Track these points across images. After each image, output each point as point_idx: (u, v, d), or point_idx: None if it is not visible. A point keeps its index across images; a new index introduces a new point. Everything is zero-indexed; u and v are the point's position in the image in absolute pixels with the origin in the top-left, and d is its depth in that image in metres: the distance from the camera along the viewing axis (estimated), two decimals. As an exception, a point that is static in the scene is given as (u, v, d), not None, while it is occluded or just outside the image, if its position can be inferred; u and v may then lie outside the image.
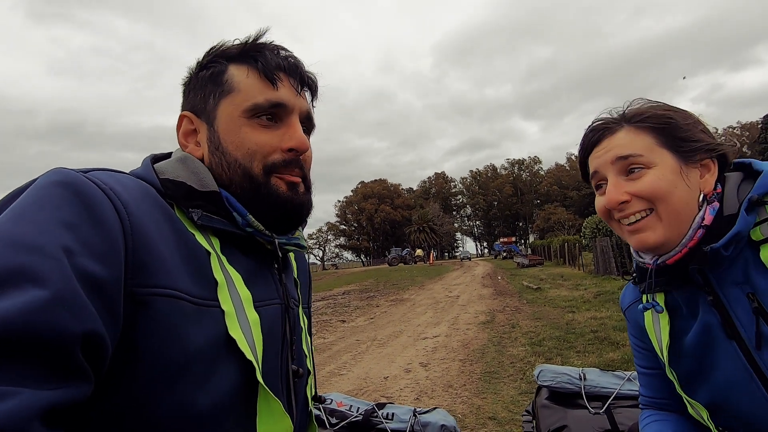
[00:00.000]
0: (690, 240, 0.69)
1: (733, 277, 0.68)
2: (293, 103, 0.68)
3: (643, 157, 0.70)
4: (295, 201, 0.67)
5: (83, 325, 0.42)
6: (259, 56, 0.66)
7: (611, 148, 0.72)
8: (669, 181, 0.69)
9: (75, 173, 0.51)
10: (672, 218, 0.69)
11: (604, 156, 0.73)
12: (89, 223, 0.47)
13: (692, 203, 0.70)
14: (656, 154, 0.70)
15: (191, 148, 0.68)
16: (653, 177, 0.69)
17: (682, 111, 0.74)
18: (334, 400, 1.32)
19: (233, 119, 0.65)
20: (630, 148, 0.71)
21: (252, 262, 0.66)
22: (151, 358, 0.49)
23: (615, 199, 0.71)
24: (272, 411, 0.59)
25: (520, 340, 6.09)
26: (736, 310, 0.68)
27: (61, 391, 0.41)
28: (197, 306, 0.53)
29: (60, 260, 0.43)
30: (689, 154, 0.71)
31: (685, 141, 0.71)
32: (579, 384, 1.33)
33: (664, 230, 0.70)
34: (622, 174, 0.72)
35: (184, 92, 0.72)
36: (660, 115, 0.72)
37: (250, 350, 0.57)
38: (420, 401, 4.00)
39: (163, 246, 0.53)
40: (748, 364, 0.67)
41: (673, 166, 0.70)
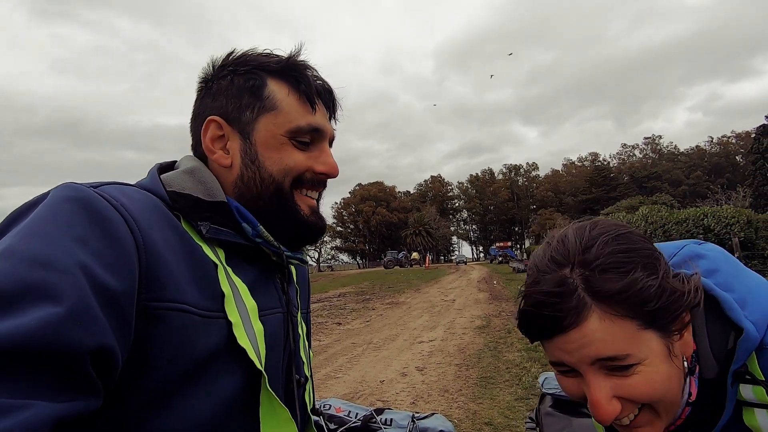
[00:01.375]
0: (678, 419, 0.61)
1: None
2: (328, 129, 0.71)
3: (631, 357, 0.53)
4: (318, 225, 0.71)
5: (96, 340, 0.43)
6: (301, 78, 0.67)
7: (585, 345, 0.54)
8: (665, 377, 0.55)
9: (86, 188, 0.51)
10: (669, 410, 0.58)
11: (578, 353, 0.55)
12: (103, 238, 0.48)
13: (682, 382, 0.58)
14: (643, 344, 0.54)
15: (219, 155, 0.67)
16: (648, 378, 0.54)
17: (646, 250, 0.56)
18: (332, 406, 1.32)
19: (275, 137, 0.66)
20: (612, 346, 0.53)
21: (256, 272, 0.66)
22: (160, 370, 0.50)
23: (608, 413, 0.54)
24: (278, 419, 0.60)
25: (516, 345, 6.10)
26: None
27: (72, 404, 0.41)
28: (204, 318, 0.54)
29: (75, 275, 0.44)
30: (670, 324, 0.55)
31: (664, 311, 0.54)
32: None
33: (663, 423, 0.59)
34: (603, 370, 0.55)
35: (205, 92, 0.70)
36: (633, 286, 0.53)
37: (257, 359, 0.58)
38: (416, 405, 4.00)
39: (172, 260, 0.54)
40: None
41: (662, 353, 0.55)
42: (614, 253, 0.54)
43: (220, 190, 0.64)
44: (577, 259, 0.55)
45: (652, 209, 13.47)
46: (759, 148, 46.44)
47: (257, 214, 0.66)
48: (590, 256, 0.55)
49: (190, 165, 0.66)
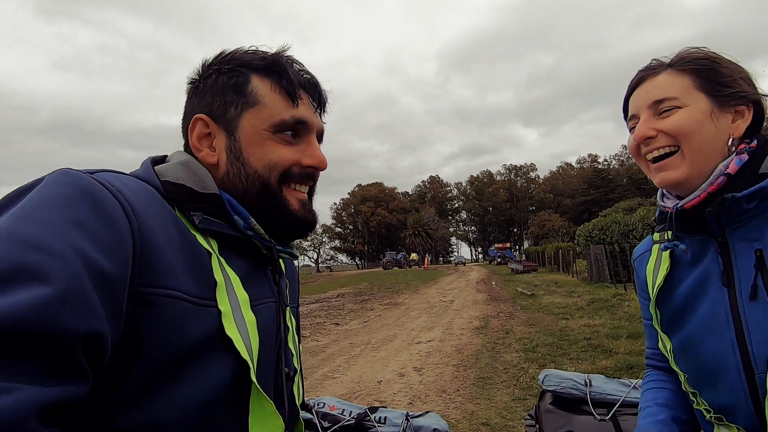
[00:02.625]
0: (710, 185, 0.71)
1: (748, 234, 0.71)
2: (313, 121, 0.71)
3: (677, 100, 0.73)
4: (308, 219, 0.72)
5: (87, 325, 0.43)
6: (284, 73, 0.68)
7: (649, 90, 0.76)
8: (696, 121, 0.72)
9: (82, 174, 0.51)
10: (695, 157, 0.72)
11: (643, 98, 0.77)
12: (99, 222, 0.48)
13: (718, 146, 0.73)
14: (690, 97, 0.73)
15: (205, 152, 0.68)
16: (681, 116, 0.72)
17: (727, 59, 0.76)
18: (326, 404, 1.31)
19: (258, 132, 0.66)
20: (666, 91, 0.74)
21: (248, 263, 0.67)
22: (151, 356, 0.50)
23: (642, 133, 0.74)
24: (264, 411, 0.60)
25: (514, 346, 6.10)
26: (739, 262, 0.72)
27: (60, 388, 0.41)
28: (196, 306, 0.54)
29: (68, 258, 0.43)
30: (724, 99, 0.73)
31: (723, 86, 0.73)
32: (584, 390, 1.31)
33: (687, 169, 0.72)
34: (655, 114, 0.75)
35: (192, 92, 0.71)
36: (703, 58, 0.75)
37: (246, 350, 0.58)
38: (413, 406, 3.99)
39: (167, 247, 0.54)
40: (731, 311, 0.72)
41: (704, 108, 0.72)
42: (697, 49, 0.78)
43: (213, 183, 0.65)
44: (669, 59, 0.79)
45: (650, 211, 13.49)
46: (757, 151, 46.41)
47: (247, 209, 0.66)
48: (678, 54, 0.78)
49: (183, 158, 0.67)
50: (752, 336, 0.70)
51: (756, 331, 0.70)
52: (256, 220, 0.66)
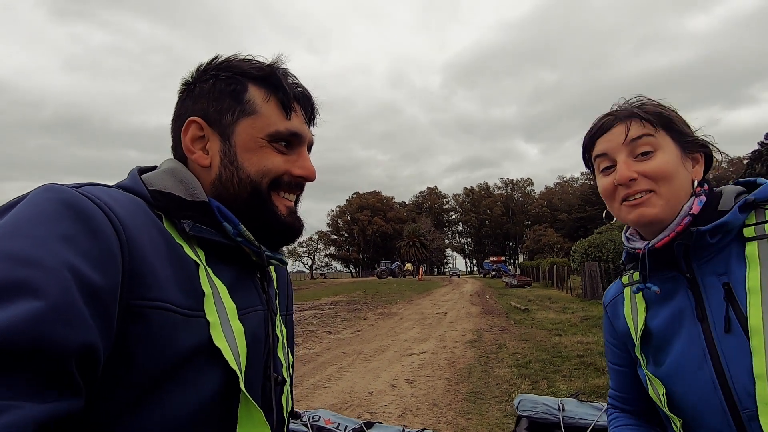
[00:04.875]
0: (678, 225, 0.76)
1: (715, 268, 0.75)
2: (305, 134, 0.73)
3: (653, 140, 0.78)
4: (295, 225, 0.73)
5: (80, 338, 0.43)
6: (280, 85, 0.69)
7: (623, 132, 0.79)
8: (673, 165, 0.77)
9: (68, 188, 0.51)
10: (670, 198, 0.77)
11: (617, 138, 0.80)
12: (87, 236, 0.48)
13: (687, 188, 0.79)
14: (664, 140, 0.79)
15: (198, 155, 0.69)
16: (662, 158, 0.77)
17: (676, 112, 0.85)
18: (322, 417, 1.30)
19: (254, 140, 0.68)
20: (642, 131, 0.79)
21: (235, 272, 0.67)
22: (141, 368, 0.50)
23: (626, 175, 0.77)
24: (253, 420, 0.60)
25: (507, 361, 6.07)
26: (709, 296, 0.75)
27: (56, 404, 0.41)
28: (184, 317, 0.54)
29: (58, 272, 0.43)
30: (686, 145, 0.80)
31: (683, 134, 0.80)
32: (558, 415, 1.32)
33: (663, 208, 0.77)
34: (632, 156, 0.79)
35: (186, 94, 0.71)
36: (663, 110, 0.82)
37: (234, 359, 0.58)
38: (404, 419, 3.95)
39: (155, 258, 0.54)
40: (707, 347, 0.74)
41: (675, 153, 0.79)
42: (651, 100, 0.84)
43: (201, 190, 0.65)
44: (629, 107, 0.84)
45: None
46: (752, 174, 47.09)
47: (236, 215, 0.67)
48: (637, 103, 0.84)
49: (171, 165, 0.68)
50: (731, 370, 0.71)
51: (735, 366, 0.70)
52: (245, 224, 0.66)
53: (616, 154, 0.80)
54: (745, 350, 0.69)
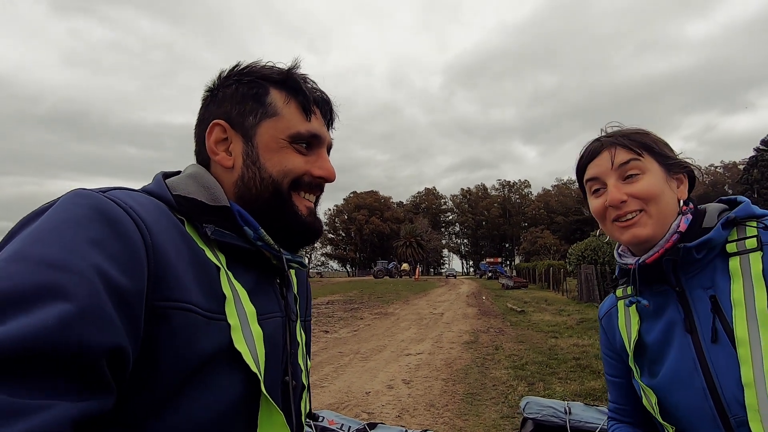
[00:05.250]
0: (666, 242, 0.81)
1: (702, 282, 0.80)
2: (325, 136, 0.75)
3: (639, 164, 0.83)
4: (315, 226, 0.74)
5: (110, 339, 0.44)
6: (300, 89, 0.71)
7: (615, 155, 0.85)
8: (659, 186, 0.83)
9: (95, 193, 0.53)
10: (659, 217, 0.82)
11: (606, 163, 0.85)
12: (114, 239, 0.49)
13: (674, 207, 0.84)
14: (649, 164, 0.84)
15: (222, 156, 0.70)
16: (649, 181, 0.82)
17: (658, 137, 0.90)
18: (325, 418, 1.31)
19: (276, 140, 0.70)
20: (628, 156, 0.84)
21: (255, 277, 0.68)
22: (166, 369, 0.51)
23: (617, 198, 0.83)
24: (273, 423, 0.61)
25: (503, 362, 6.09)
26: (697, 308, 0.79)
27: (90, 403, 0.42)
28: (207, 319, 0.56)
29: (87, 276, 0.44)
30: (670, 167, 0.85)
31: (667, 157, 0.86)
32: (564, 418, 1.34)
33: (653, 227, 0.81)
34: (621, 179, 0.84)
35: (210, 100, 0.73)
36: (646, 136, 0.87)
37: (254, 363, 0.59)
38: (402, 419, 3.96)
39: (179, 261, 0.55)
40: (697, 357, 0.78)
41: (661, 174, 0.84)
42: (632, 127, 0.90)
43: (223, 195, 0.67)
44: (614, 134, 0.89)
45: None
46: (748, 179, 47.36)
47: (257, 216, 0.68)
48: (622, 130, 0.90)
49: (194, 171, 0.69)
50: (720, 380, 0.74)
51: (723, 375, 0.74)
52: (265, 226, 0.68)
53: (606, 178, 0.85)
54: (732, 360, 0.73)
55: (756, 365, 0.71)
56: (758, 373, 0.71)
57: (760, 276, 0.75)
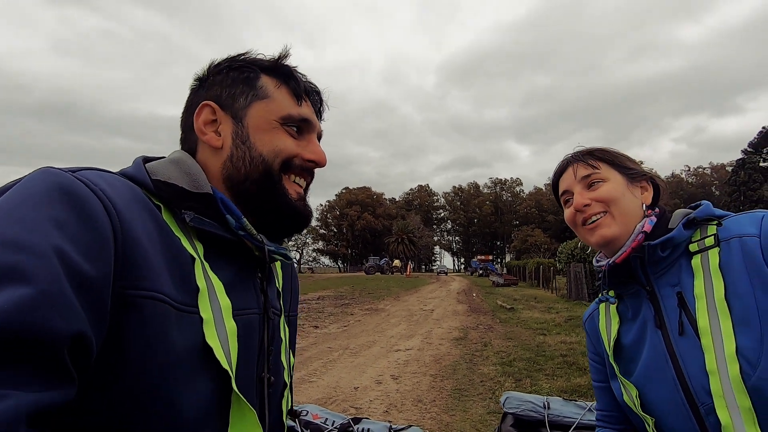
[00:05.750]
0: (633, 241, 0.86)
1: (669, 280, 0.86)
2: (316, 122, 0.75)
3: (600, 174, 0.92)
4: (302, 209, 0.72)
5: (71, 326, 0.42)
6: (291, 75, 0.72)
7: (576, 170, 0.95)
8: (619, 190, 0.91)
9: (64, 173, 0.50)
10: (622, 218, 0.89)
11: (572, 176, 0.95)
12: (80, 222, 0.46)
13: (637, 210, 0.90)
14: (610, 173, 0.93)
15: (210, 136, 0.69)
16: (608, 186, 0.91)
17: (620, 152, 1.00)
18: (309, 412, 1.31)
19: (267, 121, 0.69)
20: (590, 169, 0.94)
21: (235, 269, 0.66)
22: (134, 361, 0.48)
23: (580, 202, 0.92)
24: (246, 421, 0.59)
25: (491, 359, 6.14)
26: (666, 305, 0.84)
27: (48, 393, 0.40)
28: (179, 311, 0.53)
29: (49, 259, 0.42)
30: (632, 176, 0.94)
31: (627, 168, 0.94)
32: (543, 412, 1.36)
33: (617, 227, 0.88)
34: (585, 188, 0.93)
35: (200, 85, 0.73)
36: (604, 152, 0.97)
37: (226, 359, 0.57)
38: (389, 414, 3.98)
39: (150, 248, 0.52)
40: (667, 350, 0.82)
41: (621, 181, 0.92)
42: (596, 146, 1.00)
43: (206, 182, 0.64)
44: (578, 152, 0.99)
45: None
46: (736, 181, 48.10)
47: (245, 199, 0.67)
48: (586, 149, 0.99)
49: (177, 156, 0.67)
50: (688, 369, 0.79)
51: (690, 365, 0.79)
52: (254, 210, 0.67)
53: (573, 188, 0.95)
54: (697, 350, 0.78)
55: (717, 353, 0.75)
56: (720, 360, 0.74)
57: (717, 269, 0.80)
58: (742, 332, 0.74)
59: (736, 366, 0.73)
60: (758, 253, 0.76)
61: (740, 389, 0.72)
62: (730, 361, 0.73)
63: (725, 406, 0.73)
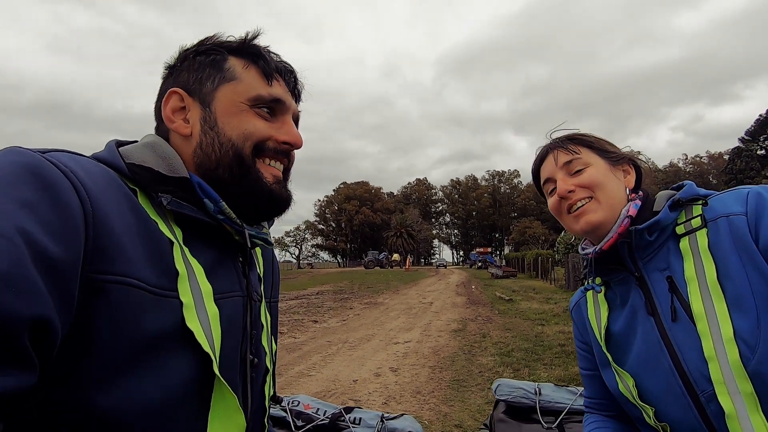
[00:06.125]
0: (619, 227, 0.84)
1: (657, 265, 0.83)
2: (290, 102, 0.72)
3: (581, 159, 0.90)
4: (279, 192, 0.70)
5: (32, 310, 0.40)
6: (260, 54, 0.69)
7: (558, 157, 0.92)
8: (603, 174, 0.88)
9: (32, 153, 0.48)
10: (607, 202, 0.86)
11: (553, 164, 0.92)
12: (48, 203, 0.45)
13: (621, 194, 0.88)
14: (592, 158, 0.90)
15: (178, 124, 0.67)
16: (591, 171, 0.88)
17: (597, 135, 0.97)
18: (301, 402, 1.30)
19: (235, 104, 0.67)
20: (571, 155, 0.91)
21: (215, 253, 0.65)
22: (103, 347, 0.47)
23: (564, 188, 0.89)
24: (227, 405, 0.59)
25: (490, 350, 6.17)
26: (656, 290, 0.82)
27: (5, 379, 0.39)
28: (155, 296, 0.52)
29: (11, 239, 0.41)
30: (613, 160, 0.91)
31: (607, 152, 0.92)
32: (534, 399, 1.36)
33: (603, 212, 0.86)
34: (568, 174, 0.90)
35: (169, 73, 0.71)
36: (586, 136, 0.94)
37: (208, 342, 0.56)
38: (388, 406, 4.00)
39: (124, 232, 0.51)
40: (661, 338, 0.79)
41: (604, 166, 0.90)
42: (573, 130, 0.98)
43: (182, 166, 0.63)
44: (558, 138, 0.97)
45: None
46: (733, 169, 48.19)
47: (219, 186, 0.65)
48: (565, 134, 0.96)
49: (151, 140, 0.65)
50: (685, 356, 0.76)
51: (687, 351, 0.76)
52: (227, 199, 0.65)
53: (556, 176, 0.92)
54: (693, 336, 0.75)
55: (715, 337, 0.72)
56: (718, 345, 0.72)
57: (707, 250, 0.77)
58: (738, 315, 0.71)
59: (735, 350, 0.70)
60: (746, 232, 0.74)
61: (741, 374, 0.69)
62: (729, 346, 0.70)
63: (727, 393, 0.70)
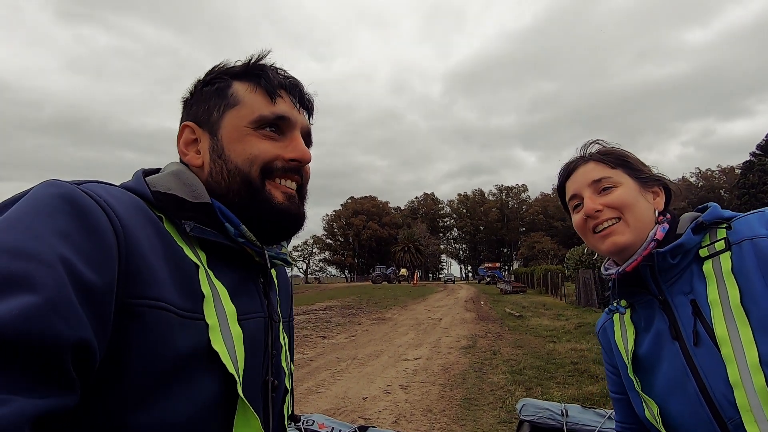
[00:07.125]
0: (644, 250, 0.83)
1: (681, 288, 0.82)
2: (295, 118, 0.72)
3: (612, 179, 0.88)
4: (291, 211, 0.71)
5: (75, 334, 0.43)
6: (262, 74, 0.71)
7: (586, 174, 0.90)
8: (633, 196, 0.87)
9: (69, 185, 0.52)
10: (636, 224, 0.85)
11: (581, 179, 0.90)
12: (84, 232, 0.48)
13: (650, 216, 0.87)
14: (622, 178, 0.88)
15: (191, 156, 0.70)
16: (621, 191, 0.87)
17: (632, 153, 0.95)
18: (315, 422, 1.29)
19: (238, 129, 0.68)
20: (602, 173, 0.89)
21: (237, 276, 0.67)
22: (136, 369, 0.49)
23: (592, 207, 0.87)
24: (249, 426, 0.60)
25: (501, 367, 6.07)
26: (680, 314, 0.81)
27: (51, 400, 0.41)
28: (183, 318, 0.54)
29: (54, 267, 0.43)
30: (644, 181, 0.90)
31: (639, 171, 0.90)
32: (561, 420, 1.32)
33: (631, 234, 0.84)
34: (596, 192, 0.88)
35: (185, 107, 0.74)
36: (619, 153, 0.92)
37: (232, 364, 0.58)
38: (398, 424, 3.93)
39: (153, 258, 0.54)
40: (686, 363, 0.78)
41: (634, 186, 0.88)
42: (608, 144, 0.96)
43: (205, 192, 0.66)
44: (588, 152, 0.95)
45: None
46: (746, 184, 47.57)
47: (233, 211, 0.66)
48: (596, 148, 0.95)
49: (175, 168, 0.68)
50: (711, 383, 0.74)
51: (712, 377, 0.74)
52: (244, 220, 0.66)
53: (583, 193, 0.90)
54: (718, 361, 0.73)
55: (740, 363, 0.71)
56: (743, 371, 0.70)
57: (730, 274, 0.76)
58: (763, 339, 0.70)
59: (761, 376, 0.68)
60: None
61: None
62: (754, 372, 0.69)
63: (754, 421, 0.68)
